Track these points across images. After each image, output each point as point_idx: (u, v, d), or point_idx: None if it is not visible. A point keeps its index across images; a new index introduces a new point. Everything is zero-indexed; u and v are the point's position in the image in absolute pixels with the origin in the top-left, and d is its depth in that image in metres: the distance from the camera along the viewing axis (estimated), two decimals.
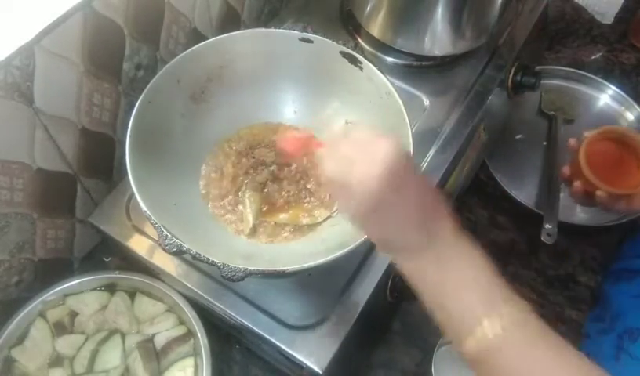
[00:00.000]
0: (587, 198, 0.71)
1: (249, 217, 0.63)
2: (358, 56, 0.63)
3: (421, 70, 0.80)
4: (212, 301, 0.62)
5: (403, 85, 0.77)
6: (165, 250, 0.51)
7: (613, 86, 1.02)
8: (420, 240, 0.43)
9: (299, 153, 0.51)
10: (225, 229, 0.63)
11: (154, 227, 0.52)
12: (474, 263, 0.43)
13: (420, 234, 0.43)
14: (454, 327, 0.43)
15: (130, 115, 0.58)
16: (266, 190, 0.66)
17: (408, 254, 0.44)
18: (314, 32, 0.64)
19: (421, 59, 0.80)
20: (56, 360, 0.65)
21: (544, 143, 0.97)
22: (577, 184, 0.71)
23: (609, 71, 1.08)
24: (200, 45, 0.63)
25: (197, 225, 0.61)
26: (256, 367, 0.71)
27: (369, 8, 0.78)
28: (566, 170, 0.74)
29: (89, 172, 0.70)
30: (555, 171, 0.90)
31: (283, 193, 0.66)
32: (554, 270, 0.84)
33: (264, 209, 0.64)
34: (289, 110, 0.70)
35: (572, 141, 0.74)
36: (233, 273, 0.50)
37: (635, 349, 0.70)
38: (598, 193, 0.69)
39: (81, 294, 0.68)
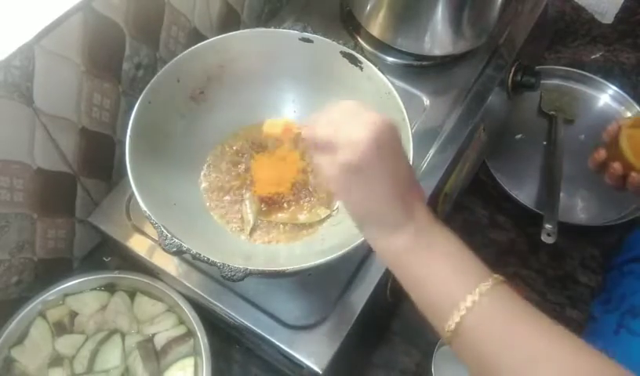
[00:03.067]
0: (621, 181, 0.72)
1: (249, 217, 0.63)
2: (358, 55, 0.63)
3: (421, 69, 0.80)
4: (212, 301, 0.62)
5: (403, 85, 0.77)
6: (165, 250, 0.51)
7: (613, 86, 1.02)
8: (398, 215, 0.42)
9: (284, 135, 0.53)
10: (225, 229, 0.63)
11: (154, 227, 0.52)
12: (450, 241, 0.43)
13: (398, 208, 0.42)
14: (434, 306, 0.43)
15: (130, 115, 0.58)
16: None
17: (386, 229, 0.43)
18: (314, 32, 0.64)
19: (421, 58, 0.80)
20: (56, 360, 0.65)
21: (544, 143, 0.97)
22: (616, 165, 0.71)
23: (609, 71, 1.08)
24: (200, 44, 0.63)
25: (197, 225, 0.61)
26: (256, 367, 0.71)
27: (369, 8, 0.78)
28: (601, 153, 0.74)
29: (89, 172, 0.70)
30: (556, 170, 0.90)
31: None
32: (554, 270, 0.84)
33: (264, 208, 0.64)
34: (288, 109, 0.70)
35: (612, 125, 0.74)
36: (233, 273, 0.50)
37: (635, 325, 0.71)
38: (633, 174, 0.70)
39: (81, 294, 0.68)
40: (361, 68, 0.63)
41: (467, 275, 0.42)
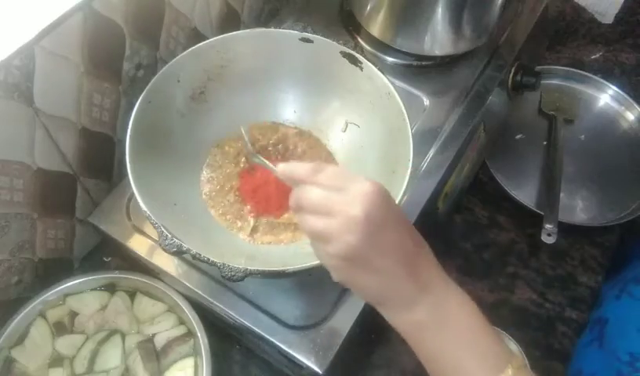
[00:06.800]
0: None
1: (250, 217, 0.63)
2: (358, 55, 0.63)
3: (421, 70, 0.80)
4: (212, 301, 0.62)
5: (403, 85, 0.77)
6: (165, 250, 0.51)
7: (613, 86, 1.02)
8: (410, 290, 0.40)
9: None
10: (225, 229, 0.63)
11: (154, 227, 0.52)
12: (467, 313, 0.42)
13: (410, 283, 0.40)
14: None
15: (130, 115, 0.58)
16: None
17: (400, 306, 0.41)
18: (314, 32, 0.64)
19: (421, 59, 0.80)
20: (56, 360, 0.65)
21: (544, 143, 0.97)
22: None
23: (609, 71, 1.08)
24: (200, 44, 0.63)
25: (197, 225, 0.61)
26: (256, 367, 0.71)
27: (369, 8, 0.78)
28: None
29: (89, 172, 0.70)
30: (556, 170, 0.90)
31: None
32: (554, 270, 0.84)
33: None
34: (289, 109, 0.71)
35: None
36: (233, 273, 0.50)
37: (637, 291, 0.72)
38: None
39: (81, 294, 0.68)
40: (362, 68, 0.63)
41: (485, 359, 0.41)
